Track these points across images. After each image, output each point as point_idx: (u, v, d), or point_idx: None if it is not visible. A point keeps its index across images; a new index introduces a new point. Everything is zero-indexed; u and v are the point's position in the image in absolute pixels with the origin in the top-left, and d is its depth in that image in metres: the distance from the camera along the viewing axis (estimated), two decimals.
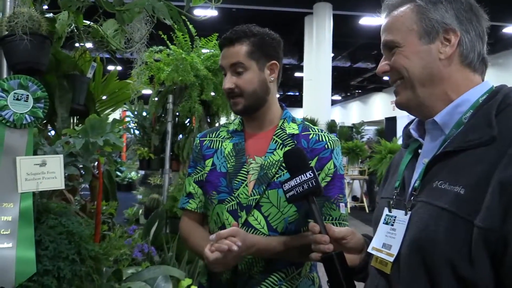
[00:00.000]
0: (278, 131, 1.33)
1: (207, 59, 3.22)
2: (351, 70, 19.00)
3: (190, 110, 3.14)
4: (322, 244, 0.98)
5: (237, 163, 1.32)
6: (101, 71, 2.13)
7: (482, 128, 0.82)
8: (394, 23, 0.94)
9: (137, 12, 1.43)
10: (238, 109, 1.32)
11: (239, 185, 1.29)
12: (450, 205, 0.79)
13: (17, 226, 1.13)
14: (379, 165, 6.63)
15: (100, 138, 1.36)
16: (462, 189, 0.78)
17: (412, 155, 0.98)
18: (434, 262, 0.79)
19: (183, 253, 2.74)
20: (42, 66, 1.34)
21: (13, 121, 1.18)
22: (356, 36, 13.61)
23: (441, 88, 0.90)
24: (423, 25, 0.90)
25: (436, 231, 0.79)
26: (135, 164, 5.13)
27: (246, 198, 1.27)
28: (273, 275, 1.26)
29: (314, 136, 1.32)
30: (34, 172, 1.18)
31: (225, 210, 1.30)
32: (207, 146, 1.41)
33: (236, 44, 1.29)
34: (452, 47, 0.89)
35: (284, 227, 1.26)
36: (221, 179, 1.33)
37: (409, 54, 0.91)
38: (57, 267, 1.16)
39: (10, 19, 1.27)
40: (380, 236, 0.94)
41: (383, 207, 0.98)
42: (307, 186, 1.04)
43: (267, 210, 1.26)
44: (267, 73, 1.32)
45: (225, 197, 1.30)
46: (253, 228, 1.26)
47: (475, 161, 0.80)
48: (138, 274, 1.87)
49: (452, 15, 0.89)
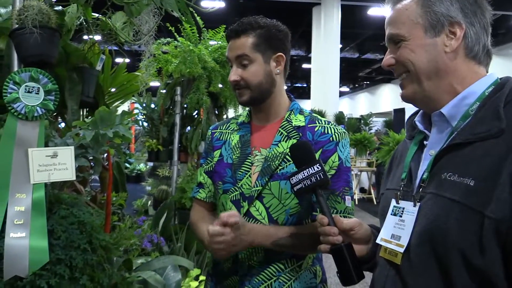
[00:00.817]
0: (284, 123, 1.34)
1: (214, 51, 3.22)
2: (359, 61, 18.89)
3: (198, 102, 3.15)
4: (331, 236, 0.99)
5: (242, 154, 1.34)
6: (110, 64, 2.15)
7: (491, 121, 0.83)
8: (399, 17, 0.94)
9: (145, 5, 1.43)
10: (244, 100, 1.33)
11: (243, 176, 1.31)
12: (461, 197, 0.79)
13: (30, 216, 1.16)
14: (387, 156, 6.60)
15: (110, 130, 1.38)
16: (472, 181, 0.79)
17: (417, 147, 0.99)
18: (445, 252, 0.80)
19: (192, 243, 2.77)
20: (52, 58, 1.36)
21: (24, 113, 1.20)
22: (364, 26, 13.49)
23: (447, 81, 0.90)
24: (428, 19, 0.90)
25: (447, 222, 0.80)
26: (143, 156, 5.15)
27: (249, 189, 1.29)
28: (272, 265, 1.27)
29: (320, 128, 1.32)
30: (46, 164, 1.20)
31: (228, 200, 1.32)
32: (217, 138, 1.44)
33: (242, 36, 1.29)
34: (458, 40, 0.89)
35: (285, 219, 1.27)
36: (227, 170, 1.35)
37: (415, 48, 0.91)
38: (69, 256, 1.18)
39: (20, 12, 1.29)
40: (389, 227, 0.95)
41: (390, 198, 0.98)
42: (315, 179, 1.05)
43: (269, 202, 1.27)
44: (273, 65, 1.32)
45: (229, 187, 1.33)
46: (254, 218, 1.28)
47: (484, 154, 0.80)
48: (147, 263, 1.90)
49: (457, 8, 0.89)
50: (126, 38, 1.55)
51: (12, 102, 1.19)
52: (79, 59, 1.77)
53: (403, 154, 1.04)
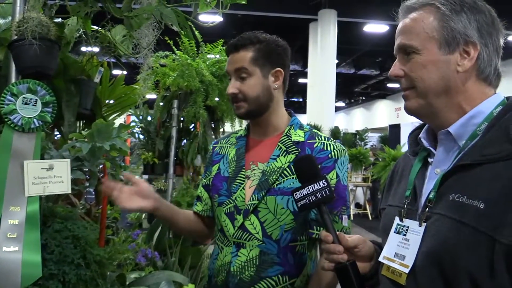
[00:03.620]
0: (284, 138, 1.33)
1: (212, 64, 3.23)
2: (355, 77, 19.01)
3: (195, 116, 3.15)
4: (336, 254, 0.97)
5: (237, 167, 1.35)
6: (108, 76, 2.14)
7: (500, 143, 0.81)
8: (414, 27, 0.90)
9: (145, 18, 1.43)
10: (241, 112, 1.34)
11: (237, 188, 1.31)
12: (470, 220, 0.78)
13: (23, 230, 1.14)
14: (382, 172, 6.61)
15: (107, 142, 1.37)
16: (481, 203, 0.77)
17: (421, 164, 0.97)
18: (454, 275, 0.79)
19: (186, 258, 2.73)
20: (50, 70, 1.35)
21: (21, 125, 1.19)
22: (361, 43, 13.63)
23: (455, 100, 0.89)
24: (444, 34, 0.87)
25: (456, 245, 0.78)
26: (139, 169, 5.12)
27: (242, 201, 1.29)
28: (263, 281, 1.25)
29: (319, 144, 1.31)
30: (41, 176, 1.19)
31: (223, 213, 1.33)
32: (217, 152, 1.46)
33: (241, 50, 1.31)
34: (471, 60, 0.87)
35: (279, 235, 1.26)
36: (223, 183, 1.36)
37: (427, 63, 0.89)
38: (62, 271, 1.16)
39: (20, 23, 1.28)
40: (392, 245, 0.93)
41: (393, 215, 0.97)
42: (320, 195, 1.03)
43: (264, 216, 1.27)
44: (271, 80, 1.33)
45: (224, 200, 1.34)
46: (248, 232, 1.27)
47: (494, 176, 0.79)
48: (141, 279, 1.86)
49: (474, 27, 0.87)
50: (126, 51, 1.55)
51: (9, 114, 1.18)
52: (77, 71, 1.76)
53: (405, 169, 1.02)
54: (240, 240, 1.28)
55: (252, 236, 1.27)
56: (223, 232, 1.33)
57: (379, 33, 12.14)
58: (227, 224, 1.31)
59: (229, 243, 1.30)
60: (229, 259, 1.29)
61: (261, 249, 1.26)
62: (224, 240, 1.33)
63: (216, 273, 1.33)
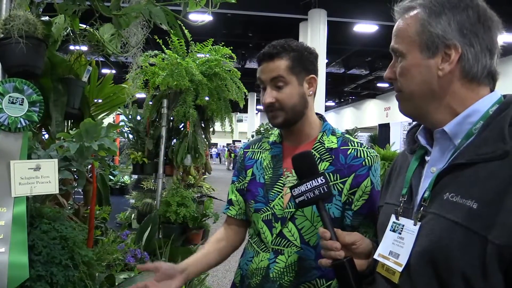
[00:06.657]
0: (317, 144, 1.34)
1: (202, 64, 3.21)
2: (345, 77, 19.12)
3: (184, 115, 3.13)
4: (333, 250, 0.98)
5: (274, 175, 1.35)
6: (96, 75, 2.12)
7: (495, 142, 0.80)
8: (401, 30, 0.92)
9: (134, 17, 1.42)
10: (278, 122, 1.33)
11: (275, 196, 1.32)
12: (463, 220, 0.78)
13: (10, 231, 1.12)
14: None
15: (95, 142, 1.35)
16: (474, 203, 0.77)
17: (418, 162, 0.97)
18: (448, 275, 0.79)
19: (176, 258, 2.72)
20: (37, 69, 1.33)
21: (7, 124, 1.17)
22: (350, 42, 13.71)
23: (443, 102, 0.88)
24: (424, 38, 0.87)
25: (449, 245, 0.78)
26: (128, 168, 5.08)
27: (281, 209, 1.30)
28: (302, 285, 1.27)
29: (353, 151, 1.31)
30: (28, 176, 1.17)
31: (260, 220, 1.34)
32: (249, 157, 1.46)
33: (276, 59, 1.30)
34: (451, 64, 0.86)
35: (316, 241, 1.27)
36: (259, 189, 1.37)
37: (410, 67, 0.89)
38: (50, 273, 1.14)
39: (6, 22, 1.27)
40: (387, 243, 0.93)
41: (389, 213, 0.97)
42: (318, 192, 1.04)
43: (301, 223, 1.28)
44: (305, 87, 1.34)
45: (261, 207, 1.34)
46: (286, 239, 1.28)
47: (488, 176, 0.78)
48: (130, 279, 1.85)
49: (455, 28, 0.85)
50: (114, 50, 1.53)
51: None
52: (65, 70, 1.74)
53: (403, 167, 1.02)
54: (278, 246, 1.29)
55: (290, 243, 1.28)
56: (260, 237, 1.34)
57: (369, 33, 12.21)
58: (264, 231, 1.32)
59: (267, 249, 1.31)
60: (266, 264, 1.30)
61: (300, 255, 1.27)
62: (261, 245, 1.34)
63: (250, 275, 1.34)
